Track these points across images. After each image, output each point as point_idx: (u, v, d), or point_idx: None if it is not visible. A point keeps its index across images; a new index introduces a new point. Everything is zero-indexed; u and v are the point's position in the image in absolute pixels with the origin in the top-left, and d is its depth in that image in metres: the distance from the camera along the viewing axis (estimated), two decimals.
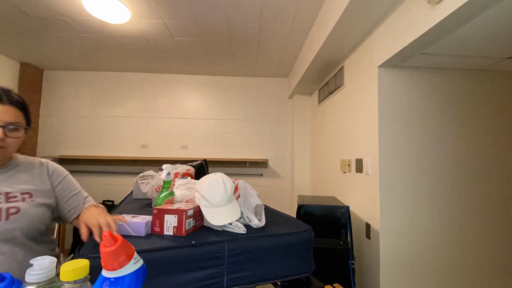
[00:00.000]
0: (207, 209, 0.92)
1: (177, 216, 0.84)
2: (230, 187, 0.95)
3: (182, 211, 0.84)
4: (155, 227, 0.86)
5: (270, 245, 0.88)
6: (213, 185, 0.94)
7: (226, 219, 0.89)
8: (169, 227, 0.85)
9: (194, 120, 3.61)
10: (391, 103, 1.69)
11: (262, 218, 1.00)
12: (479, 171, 1.72)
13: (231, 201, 0.95)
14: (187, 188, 1.21)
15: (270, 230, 0.94)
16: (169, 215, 0.85)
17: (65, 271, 0.43)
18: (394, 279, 1.63)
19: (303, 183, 3.36)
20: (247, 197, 1.03)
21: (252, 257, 0.84)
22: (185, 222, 0.84)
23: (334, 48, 2.08)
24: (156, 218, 0.86)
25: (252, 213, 0.99)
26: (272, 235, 0.90)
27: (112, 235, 0.45)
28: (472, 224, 1.70)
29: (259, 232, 0.91)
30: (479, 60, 1.61)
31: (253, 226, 0.95)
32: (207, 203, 0.92)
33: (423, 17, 1.26)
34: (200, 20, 2.26)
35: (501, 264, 1.71)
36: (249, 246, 0.85)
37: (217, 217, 0.89)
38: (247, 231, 0.90)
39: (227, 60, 3.14)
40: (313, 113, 3.31)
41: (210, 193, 0.92)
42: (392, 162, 1.67)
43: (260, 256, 0.85)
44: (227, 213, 0.91)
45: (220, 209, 0.92)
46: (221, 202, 0.92)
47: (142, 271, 0.49)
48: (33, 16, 2.22)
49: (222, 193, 0.92)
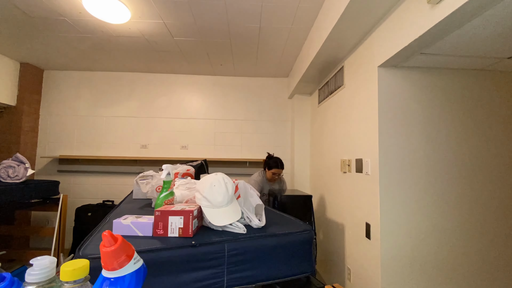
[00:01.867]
0: (208, 210, 0.92)
1: (183, 217, 0.83)
2: (231, 187, 0.96)
3: (188, 212, 0.84)
4: (157, 229, 0.84)
5: (270, 245, 0.88)
6: (214, 185, 0.94)
7: (228, 220, 0.89)
8: (174, 228, 0.83)
9: (194, 120, 3.61)
10: (391, 103, 1.69)
11: (262, 218, 1.00)
12: (479, 171, 1.72)
13: (232, 201, 0.95)
14: (187, 188, 1.21)
15: (270, 230, 0.94)
16: (174, 217, 0.83)
17: (65, 271, 0.43)
18: (394, 279, 1.63)
19: (303, 183, 3.36)
20: (247, 197, 1.03)
21: (252, 257, 0.84)
22: (192, 223, 0.83)
23: (334, 48, 2.08)
24: (159, 220, 0.84)
25: (252, 213, 0.99)
26: (272, 235, 0.90)
27: (112, 235, 0.45)
28: (472, 223, 1.70)
29: (259, 232, 0.91)
30: (479, 60, 1.61)
31: (254, 226, 0.96)
32: (208, 203, 0.92)
33: (423, 17, 1.26)
34: (200, 20, 2.26)
35: (502, 264, 1.71)
36: (249, 246, 0.85)
37: (219, 218, 0.89)
38: (247, 231, 0.90)
39: (227, 60, 3.14)
40: (313, 113, 3.31)
41: (212, 193, 0.92)
42: (392, 162, 1.67)
43: (260, 256, 0.86)
44: (228, 214, 0.91)
45: (221, 209, 0.92)
46: (223, 203, 0.92)
47: (142, 271, 0.49)
48: (33, 16, 2.22)
49: (224, 193, 0.92)
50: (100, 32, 2.48)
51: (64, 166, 3.43)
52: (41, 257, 0.47)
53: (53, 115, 3.51)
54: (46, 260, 0.46)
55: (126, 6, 2.04)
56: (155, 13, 2.16)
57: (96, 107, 3.55)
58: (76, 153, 3.47)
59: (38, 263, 0.45)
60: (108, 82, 3.58)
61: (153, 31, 2.45)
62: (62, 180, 3.32)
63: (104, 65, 3.36)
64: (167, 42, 2.68)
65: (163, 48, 2.83)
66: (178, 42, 2.67)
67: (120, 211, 1.22)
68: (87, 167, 3.47)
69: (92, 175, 3.47)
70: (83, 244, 0.80)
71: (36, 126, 3.44)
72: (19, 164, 2.40)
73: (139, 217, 0.89)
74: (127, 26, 2.35)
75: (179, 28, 2.40)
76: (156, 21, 2.27)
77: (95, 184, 3.46)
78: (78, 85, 3.56)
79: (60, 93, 3.53)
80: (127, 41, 2.67)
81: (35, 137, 3.43)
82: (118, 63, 3.30)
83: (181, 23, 2.31)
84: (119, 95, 3.58)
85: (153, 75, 3.62)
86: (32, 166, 3.33)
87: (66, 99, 3.53)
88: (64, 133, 3.49)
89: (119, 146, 3.53)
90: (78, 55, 3.06)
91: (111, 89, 3.58)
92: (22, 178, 2.37)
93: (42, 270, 0.44)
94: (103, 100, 3.57)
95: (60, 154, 3.44)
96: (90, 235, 0.87)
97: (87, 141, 3.50)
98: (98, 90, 3.57)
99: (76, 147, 3.48)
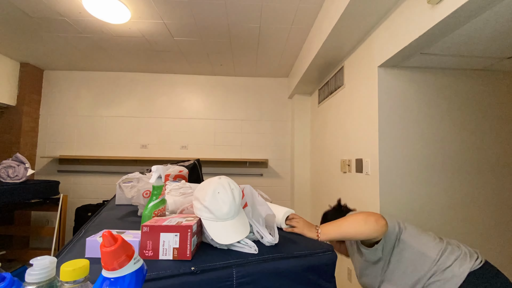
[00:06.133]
0: (211, 223, 0.72)
1: (179, 234, 0.64)
2: (238, 195, 0.77)
3: (186, 227, 0.64)
4: (145, 250, 0.64)
5: (289, 269, 0.69)
6: (218, 192, 0.74)
7: (236, 236, 0.70)
8: (166, 249, 0.64)
9: (194, 120, 3.62)
10: (391, 103, 1.69)
11: (274, 232, 0.80)
12: (479, 171, 1.72)
13: (239, 212, 0.77)
14: (181, 194, 0.98)
15: (286, 249, 0.75)
16: (167, 234, 0.64)
17: (65, 271, 0.43)
18: None
19: (303, 183, 3.36)
20: (256, 206, 0.83)
21: (266, 284, 0.67)
22: (190, 241, 0.64)
23: (334, 48, 2.08)
24: (148, 239, 0.64)
25: (263, 226, 0.80)
26: (290, 257, 0.71)
27: (112, 235, 0.45)
28: (472, 223, 1.70)
29: (274, 252, 0.72)
30: (479, 60, 1.61)
31: (266, 243, 0.76)
32: (210, 215, 0.73)
33: (423, 17, 1.26)
34: (200, 20, 2.26)
35: (507, 263, 1.71)
36: (263, 270, 0.67)
37: (225, 234, 0.71)
38: (258, 250, 0.71)
39: (227, 60, 3.14)
40: (313, 113, 3.31)
41: (216, 202, 0.73)
42: (392, 162, 1.67)
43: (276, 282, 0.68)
44: (236, 228, 0.72)
45: (227, 222, 0.73)
46: (229, 214, 0.73)
47: (143, 271, 0.49)
48: (33, 16, 2.22)
49: (230, 202, 0.73)
50: (100, 32, 2.48)
51: (64, 166, 3.43)
52: (41, 257, 0.47)
53: (53, 115, 3.51)
54: (46, 260, 0.46)
55: (126, 6, 2.04)
56: (155, 13, 2.16)
57: (96, 107, 3.55)
58: (76, 153, 3.47)
59: (38, 263, 0.45)
60: (108, 82, 3.58)
61: (153, 31, 2.46)
62: (62, 180, 3.32)
63: (104, 65, 3.36)
64: (167, 42, 2.68)
65: (163, 48, 2.83)
66: (178, 42, 2.67)
67: (99, 221, 1.02)
68: (87, 167, 3.47)
69: (92, 175, 3.47)
70: (60, 254, 0.70)
71: (36, 126, 3.44)
72: (19, 164, 2.40)
73: (120, 233, 0.69)
74: (127, 26, 2.35)
75: (179, 28, 2.40)
76: (156, 21, 2.28)
77: (95, 184, 3.46)
78: (78, 85, 3.56)
79: (60, 93, 3.54)
80: (127, 41, 2.67)
81: (35, 137, 3.43)
82: (118, 63, 3.30)
83: (181, 23, 2.31)
84: (119, 95, 3.58)
85: (153, 75, 3.62)
86: (32, 166, 3.33)
87: (66, 99, 3.53)
88: (64, 133, 3.49)
89: (119, 146, 3.53)
90: (78, 55, 3.06)
91: (111, 89, 3.58)
92: (22, 178, 2.38)
93: (42, 270, 0.44)
94: (103, 100, 3.57)
95: (60, 154, 3.44)
96: (66, 246, 0.77)
97: (87, 141, 3.50)
98: (98, 90, 3.57)
99: (76, 147, 3.48)
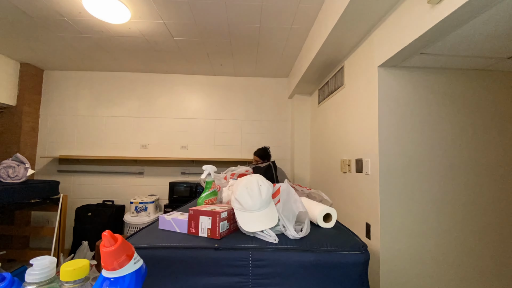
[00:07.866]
0: (239, 213, 0.86)
1: (211, 218, 0.83)
2: (265, 191, 0.88)
3: (216, 213, 0.83)
4: (191, 227, 0.86)
5: (304, 262, 0.75)
6: (246, 187, 0.88)
7: (259, 226, 0.82)
8: (203, 228, 0.84)
9: (194, 120, 3.61)
10: (391, 103, 1.69)
11: (304, 227, 0.86)
12: (479, 171, 1.72)
13: (267, 206, 0.88)
14: None
15: (308, 243, 0.80)
16: (203, 217, 0.84)
17: (65, 271, 0.43)
18: (394, 279, 1.62)
19: (303, 183, 3.36)
20: (290, 203, 0.91)
21: (280, 272, 0.74)
22: (219, 224, 0.82)
23: (334, 48, 2.08)
24: (192, 219, 0.86)
25: (291, 221, 0.86)
26: (306, 250, 0.77)
27: (112, 235, 0.45)
28: (473, 224, 1.70)
29: (293, 244, 0.79)
30: (479, 60, 1.61)
31: (289, 236, 0.83)
32: (240, 206, 0.87)
33: (423, 17, 1.26)
34: (200, 20, 2.26)
35: (502, 264, 1.71)
36: (277, 258, 0.75)
37: (249, 223, 0.83)
38: (279, 241, 0.79)
39: (227, 60, 3.14)
40: (313, 113, 3.31)
41: (243, 196, 0.87)
42: (392, 162, 1.67)
43: (290, 272, 0.74)
44: (261, 219, 0.84)
45: (253, 213, 0.85)
46: (254, 207, 0.85)
47: (142, 271, 0.49)
48: (33, 16, 2.22)
49: (256, 197, 0.86)
50: (100, 32, 2.48)
51: (64, 166, 3.43)
52: (41, 257, 0.47)
53: (53, 115, 3.51)
54: (46, 260, 0.46)
55: (126, 6, 2.04)
56: (155, 13, 2.16)
57: (96, 107, 3.55)
58: (76, 153, 3.47)
59: (38, 263, 0.45)
60: (108, 82, 3.58)
61: (153, 31, 2.45)
62: (62, 180, 3.32)
63: (104, 65, 3.35)
64: (167, 42, 2.68)
65: (163, 48, 2.83)
66: (178, 42, 2.67)
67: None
68: (87, 167, 3.47)
69: (92, 175, 3.47)
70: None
71: (36, 126, 3.44)
72: (19, 164, 2.40)
73: (183, 214, 0.94)
74: (127, 26, 2.35)
75: (179, 28, 2.40)
76: (156, 21, 2.27)
77: (95, 184, 3.46)
78: (78, 85, 3.56)
79: (60, 93, 3.53)
80: (127, 41, 2.67)
81: (35, 137, 3.43)
82: (118, 63, 3.30)
83: (181, 23, 2.31)
84: (119, 95, 3.58)
85: (153, 75, 3.62)
86: (32, 166, 3.33)
87: (66, 99, 3.53)
88: (64, 133, 3.49)
89: (119, 146, 3.53)
90: (78, 55, 3.06)
91: (111, 89, 3.58)
92: (22, 178, 2.37)
93: (42, 270, 0.44)
94: (103, 100, 3.57)
95: (60, 154, 3.44)
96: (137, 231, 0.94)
97: (87, 141, 3.50)
98: (98, 90, 3.57)
99: (76, 147, 3.48)
